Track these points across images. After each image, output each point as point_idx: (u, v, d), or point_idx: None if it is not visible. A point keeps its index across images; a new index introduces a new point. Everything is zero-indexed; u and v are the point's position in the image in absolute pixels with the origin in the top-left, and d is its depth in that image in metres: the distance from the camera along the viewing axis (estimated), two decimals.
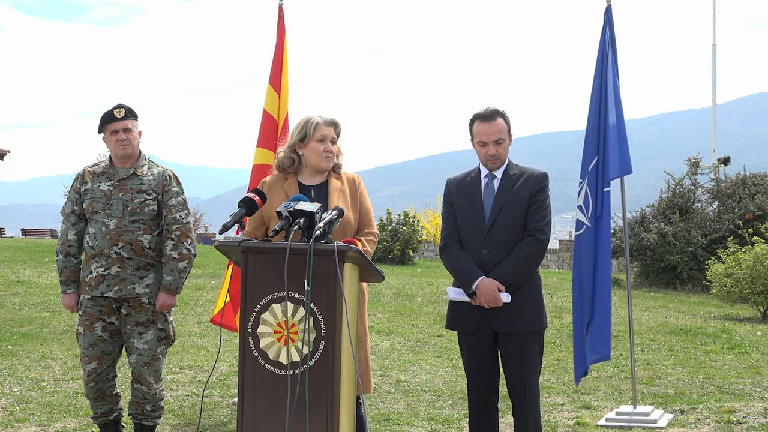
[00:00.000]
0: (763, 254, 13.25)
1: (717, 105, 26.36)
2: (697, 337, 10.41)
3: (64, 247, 5.11)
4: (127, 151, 5.06)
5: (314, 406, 3.67)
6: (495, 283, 4.37)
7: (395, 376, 7.86)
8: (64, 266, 5.11)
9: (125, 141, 5.04)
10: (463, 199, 4.55)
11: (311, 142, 4.35)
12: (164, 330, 5.10)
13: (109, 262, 4.95)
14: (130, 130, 5.06)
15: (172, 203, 5.09)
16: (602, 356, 6.17)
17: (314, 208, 3.83)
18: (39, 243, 27.84)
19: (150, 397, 5.10)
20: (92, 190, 5.05)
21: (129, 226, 4.98)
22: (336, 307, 3.71)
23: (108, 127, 5.07)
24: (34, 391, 6.90)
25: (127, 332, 5.04)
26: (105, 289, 4.95)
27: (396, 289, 14.88)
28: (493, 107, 4.50)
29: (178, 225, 5.07)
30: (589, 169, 6.27)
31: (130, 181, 5.05)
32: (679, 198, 19.66)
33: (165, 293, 5.02)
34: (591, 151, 6.28)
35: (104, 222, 4.97)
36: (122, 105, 5.09)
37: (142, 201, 5.01)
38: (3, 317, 10.96)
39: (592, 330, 6.12)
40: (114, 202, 4.99)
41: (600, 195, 6.22)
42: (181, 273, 5.04)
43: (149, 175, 5.10)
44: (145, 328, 5.02)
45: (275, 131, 6.63)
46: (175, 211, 5.08)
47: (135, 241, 4.97)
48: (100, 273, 4.96)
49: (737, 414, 6.20)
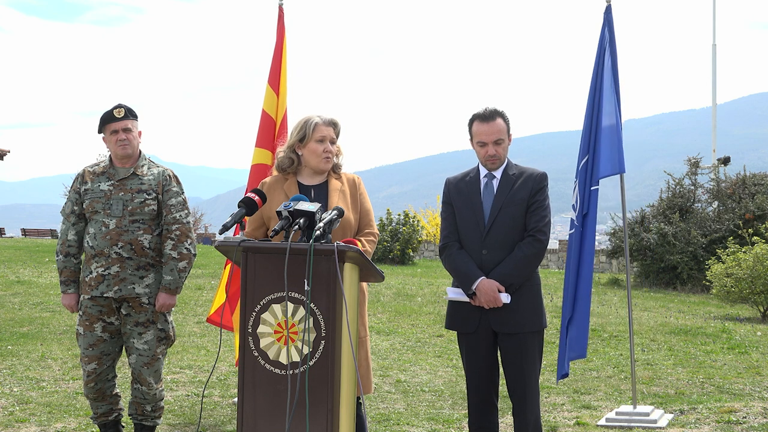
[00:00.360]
0: (763, 254, 13.24)
1: (717, 105, 26.35)
2: (697, 337, 10.41)
3: (64, 247, 5.11)
4: (126, 151, 5.06)
5: (314, 406, 3.67)
6: (495, 284, 4.37)
7: (395, 376, 7.86)
8: (64, 266, 5.11)
9: (125, 141, 5.04)
10: (462, 199, 4.54)
11: (310, 143, 4.35)
12: (164, 330, 5.10)
13: (109, 262, 4.95)
14: (130, 130, 5.06)
15: (172, 203, 5.09)
16: (578, 354, 6.13)
17: (314, 208, 3.83)
18: (39, 243, 27.84)
19: (150, 397, 5.10)
20: (92, 190, 5.05)
21: (129, 226, 4.98)
22: (336, 307, 3.71)
23: (108, 127, 5.06)
24: (34, 391, 6.90)
25: (126, 332, 5.04)
26: (105, 289, 4.95)
27: (396, 289, 14.88)
28: (492, 107, 4.50)
29: (178, 225, 5.07)
30: (580, 167, 6.28)
31: (130, 181, 5.05)
32: (679, 198, 19.66)
33: (165, 293, 5.02)
34: (582, 150, 6.30)
35: (104, 222, 4.97)
36: (122, 105, 5.09)
37: (142, 201, 5.01)
38: (3, 317, 10.97)
39: (572, 328, 6.09)
40: (114, 202, 4.99)
41: (587, 193, 6.21)
42: (181, 273, 5.04)
43: (149, 175, 5.10)
44: (144, 329, 5.02)
45: (273, 131, 6.65)
46: (175, 210, 5.08)
47: (135, 241, 4.97)
48: (100, 273, 4.96)
49: (737, 414, 6.20)
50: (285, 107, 6.70)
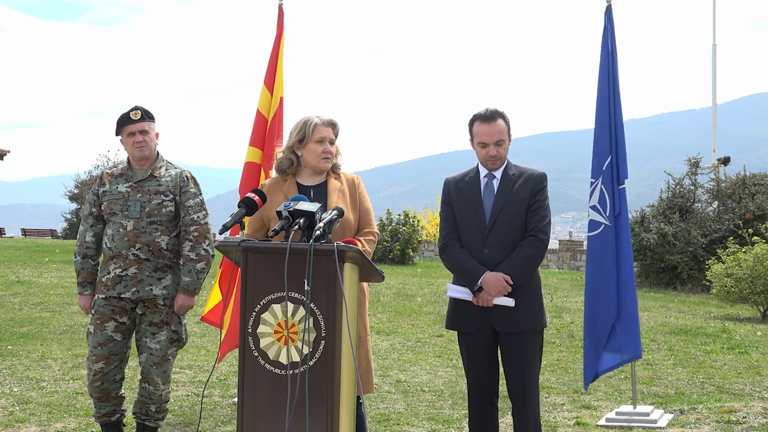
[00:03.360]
0: (763, 254, 13.24)
1: (717, 105, 26.33)
2: (697, 337, 10.41)
3: (82, 248, 5.13)
4: (144, 152, 5.08)
5: (314, 406, 3.68)
6: (500, 275, 4.36)
7: (395, 376, 7.86)
8: (82, 267, 5.13)
9: (142, 143, 5.06)
10: (462, 199, 4.54)
11: (310, 143, 4.35)
12: (177, 332, 5.12)
13: (127, 264, 4.97)
14: (147, 131, 5.08)
15: (189, 204, 5.11)
16: (633, 355, 6.14)
17: (314, 208, 3.84)
18: (39, 243, 27.83)
19: (156, 397, 5.11)
20: (110, 192, 5.07)
21: (146, 228, 5.00)
22: (336, 307, 3.71)
23: (125, 129, 5.09)
24: (34, 391, 6.90)
25: (140, 331, 5.07)
26: (122, 290, 4.97)
27: (396, 289, 14.88)
28: (493, 108, 4.50)
29: (196, 226, 5.08)
30: (604, 167, 6.23)
31: (148, 183, 5.07)
32: (679, 198, 19.65)
33: (183, 294, 5.04)
34: (603, 149, 6.24)
35: (122, 223, 5.00)
36: (138, 107, 5.11)
37: (159, 202, 5.03)
38: (3, 317, 10.96)
39: (620, 330, 6.08)
40: (131, 204, 5.01)
41: (616, 193, 6.22)
42: (199, 274, 5.06)
43: (167, 176, 5.12)
44: (158, 329, 5.04)
45: (264, 130, 6.71)
46: (192, 212, 5.10)
47: (152, 242, 4.99)
48: (117, 274, 4.98)
49: (737, 414, 6.20)
50: (276, 106, 6.76)
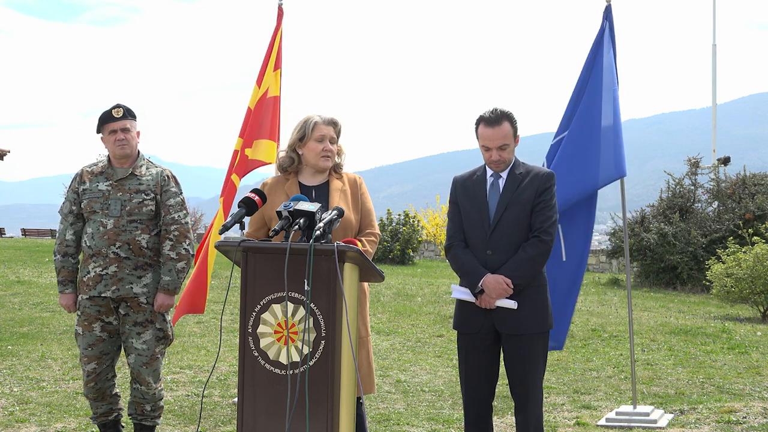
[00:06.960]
0: (763, 254, 13.24)
1: (717, 105, 26.33)
2: (697, 337, 10.41)
3: (62, 246, 5.11)
4: (125, 151, 5.06)
5: (314, 406, 3.67)
6: (500, 277, 4.31)
7: (395, 376, 7.86)
8: (62, 266, 5.11)
9: (123, 141, 5.04)
10: (468, 199, 4.48)
11: (310, 142, 4.36)
12: (162, 330, 5.10)
13: (107, 262, 4.95)
14: (129, 130, 5.06)
15: (170, 203, 5.09)
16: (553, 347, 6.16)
17: (314, 208, 3.83)
18: (39, 243, 27.82)
19: (149, 397, 5.10)
20: (90, 190, 5.05)
21: (127, 226, 4.98)
22: (336, 307, 3.71)
23: (106, 126, 5.07)
24: (34, 391, 6.90)
25: (125, 332, 5.04)
26: (103, 289, 4.95)
27: (396, 289, 14.87)
28: (499, 110, 4.38)
29: (176, 225, 5.07)
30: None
31: (129, 181, 5.06)
32: (679, 198, 19.64)
33: (163, 293, 5.02)
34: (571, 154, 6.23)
35: (102, 222, 4.98)
36: (120, 105, 5.10)
37: (140, 201, 5.02)
38: (3, 317, 10.96)
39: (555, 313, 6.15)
40: (112, 202, 4.99)
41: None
42: (180, 273, 5.05)
43: (147, 175, 5.11)
44: (143, 328, 5.02)
45: (248, 119, 6.86)
46: (173, 211, 5.09)
47: (133, 240, 4.98)
48: (97, 273, 4.96)
49: (737, 414, 6.20)
50: (260, 96, 6.87)
